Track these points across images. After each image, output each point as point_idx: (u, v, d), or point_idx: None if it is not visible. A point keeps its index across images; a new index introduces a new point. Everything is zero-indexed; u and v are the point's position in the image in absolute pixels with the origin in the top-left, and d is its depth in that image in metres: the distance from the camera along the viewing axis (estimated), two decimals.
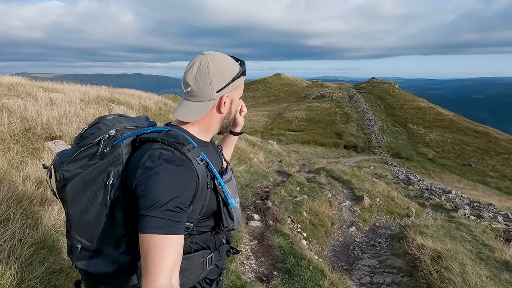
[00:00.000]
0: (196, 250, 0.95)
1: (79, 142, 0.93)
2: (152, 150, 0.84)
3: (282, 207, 4.95)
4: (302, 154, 20.12)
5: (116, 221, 0.87)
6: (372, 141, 28.35)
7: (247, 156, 8.02)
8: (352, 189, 7.28)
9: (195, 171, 0.85)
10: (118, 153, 0.87)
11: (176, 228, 0.78)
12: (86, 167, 0.89)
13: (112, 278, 0.90)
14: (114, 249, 0.88)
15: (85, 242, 0.89)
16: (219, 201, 0.93)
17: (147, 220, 0.76)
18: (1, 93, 4.90)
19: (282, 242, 3.44)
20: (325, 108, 38.95)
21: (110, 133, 0.90)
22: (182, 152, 0.85)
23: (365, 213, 6.02)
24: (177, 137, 0.88)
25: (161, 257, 0.75)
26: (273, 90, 58.85)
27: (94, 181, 0.87)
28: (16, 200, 2.42)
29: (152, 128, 0.93)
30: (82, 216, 0.89)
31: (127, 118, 1.02)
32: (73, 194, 0.90)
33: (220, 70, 0.92)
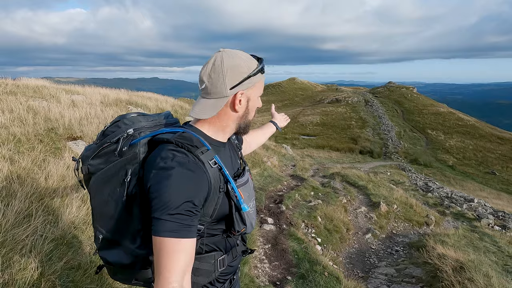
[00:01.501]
0: (207, 252, 0.96)
1: (102, 139, 0.97)
2: (166, 152, 0.85)
3: (296, 211, 4.89)
4: (316, 159, 19.89)
5: (132, 216, 0.90)
6: (388, 147, 27.68)
7: (261, 160, 8.00)
8: (368, 195, 7.10)
9: (207, 174, 0.85)
10: (135, 152, 0.90)
11: (188, 232, 0.79)
12: (107, 164, 0.93)
13: (128, 269, 0.95)
14: (130, 242, 0.92)
15: (106, 233, 0.95)
16: (231, 205, 0.92)
17: (159, 224, 0.78)
18: (28, 95, 5.12)
19: (296, 247, 3.39)
20: (340, 113, 38.45)
21: (129, 132, 0.93)
22: (195, 155, 0.85)
23: (381, 220, 5.85)
24: (191, 139, 0.88)
25: (173, 260, 0.76)
26: (287, 94, 58.76)
27: (113, 177, 0.91)
28: (38, 197, 2.51)
29: (168, 129, 0.94)
30: (103, 209, 0.94)
31: (147, 116, 1.03)
32: (96, 188, 0.95)
33: (234, 66, 0.89)
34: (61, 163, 3.20)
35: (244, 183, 0.99)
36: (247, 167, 1.08)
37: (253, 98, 0.96)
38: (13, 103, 4.37)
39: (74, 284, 1.91)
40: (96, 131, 4.43)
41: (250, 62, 0.93)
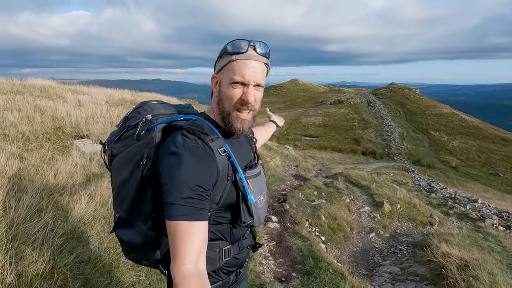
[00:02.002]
0: (212, 239, 0.96)
1: (124, 123, 1.02)
2: (178, 138, 0.88)
3: (299, 210, 4.91)
4: (319, 160, 19.88)
5: (146, 198, 0.93)
6: (391, 148, 27.61)
7: (264, 160, 8.02)
8: (371, 195, 7.10)
9: (216, 161, 0.87)
10: (151, 137, 0.94)
11: (200, 215, 0.81)
12: (126, 147, 0.98)
13: (139, 248, 0.98)
14: (143, 223, 0.95)
15: (122, 212, 1.00)
16: (238, 195, 0.93)
17: (172, 208, 0.80)
18: (34, 94, 5.19)
19: (300, 244, 3.41)
20: (342, 114, 38.41)
21: (147, 117, 0.97)
22: (205, 142, 0.88)
23: (385, 219, 5.86)
24: (202, 126, 0.91)
25: (188, 242, 0.78)
26: (289, 96, 58.79)
27: (132, 160, 0.95)
28: (48, 193, 2.55)
29: (183, 116, 0.98)
30: (121, 189, 0.99)
31: (166, 104, 1.07)
32: (116, 169, 1.00)
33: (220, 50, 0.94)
34: (69, 161, 3.25)
35: (255, 175, 0.99)
36: (260, 161, 1.08)
37: (223, 83, 0.92)
38: (20, 102, 4.43)
39: (84, 277, 1.95)
40: (102, 129, 4.48)
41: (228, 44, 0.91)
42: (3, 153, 2.90)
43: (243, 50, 0.88)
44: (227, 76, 0.90)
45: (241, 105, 0.91)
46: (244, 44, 0.88)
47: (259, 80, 0.91)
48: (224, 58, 0.89)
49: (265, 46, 0.93)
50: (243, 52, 0.88)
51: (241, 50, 0.88)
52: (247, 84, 0.89)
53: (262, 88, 0.94)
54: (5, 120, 3.65)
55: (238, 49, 0.88)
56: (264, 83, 0.95)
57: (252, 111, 0.95)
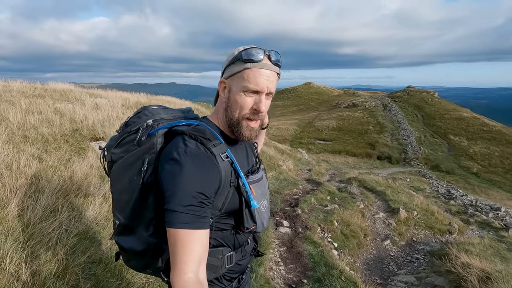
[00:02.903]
0: (215, 246, 0.95)
1: (124, 129, 1.02)
2: (179, 144, 0.86)
3: (311, 215, 4.83)
4: (332, 164, 19.60)
5: (147, 204, 0.91)
6: (408, 152, 26.87)
7: (277, 163, 7.98)
8: (387, 200, 6.91)
9: (218, 167, 0.86)
10: (152, 142, 0.92)
11: (201, 223, 0.80)
12: (127, 152, 0.96)
13: (140, 256, 0.97)
14: (144, 230, 0.94)
15: (122, 219, 0.98)
16: (241, 201, 0.92)
17: (173, 215, 0.79)
18: (55, 98, 5.38)
19: (312, 250, 3.34)
20: (357, 117, 37.79)
21: (148, 122, 0.97)
22: (207, 147, 0.86)
23: (401, 226, 5.67)
24: (204, 131, 0.89)
25: (188, 251, 0.77)
26: (303, 99, 58.47)
27: (132, 166, 0.94)
28: (64, 193, 2.62)
29: (185, 121, 0.97)
30: (121, 195, 0.97)
31: (167, 109, 1.06)
32: (116, 175, 0.99)
33: (229, 54, 0.92)
34: (85, 162, 3.33)
35: (257, 180, 0.98)
36: (262, 166, 1.08)
37: (234, 90, 0.89)
38: (41, 105, 4.61)
39: (95, 277, 1.98)
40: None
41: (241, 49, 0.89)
42: (23, 154, 3.00)
43: (259, 59, 0.86)
44: (239, 83, 0.88)
45: (252, 114, 0.90)
46: (260, 53, 0.86)
47: (272, 89, 0.90)
48: (238, 65, 0.87)
49: (278, 55, 0.92)
50: (259, 61, 0.86)
51: (257, 58, 0.86)
52: (260, 93, 0.88)
53: (271, 96, 0.93)
54: (26, 123, 3.79)
55: (254, 57, 0.86)
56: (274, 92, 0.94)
57: (261, 120, 0.94)
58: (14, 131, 3.54)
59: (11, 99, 4.53)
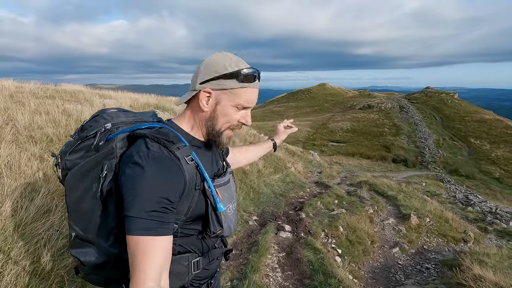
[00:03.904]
0: (180, 253, 0.92)
1: (79, 133, 0.95)
2: (142, 147, 0.83)
3: (316, 219, 4.70)
4: (345, 167, 19.21)
5: (107, 213, 0.87)
6: (425, 156, 26.00)
7: (284, 165, 7.87)
8: (398, 206, 6.65)
9: (182, 170, 0.83)
10: (112, 147, 0.88)
11: (164, 229, 0.77)
12: (83, 158, 0.91)
13: (100, 269, 0.91)
14: (104, 240, 0.89)
15: (79, 231, 0.91)
16: (207, 204, 0.90)
17: (133, 222, 0.75)
18: (65, 98, 5.52)
19: (312, 257, 3.22)
20: (372, 119, 36.97)
21: (106, 126, 0.92)
22: (170, 151, 0.83)
23: (411, 233, 5.43)
24: (167, 134, 0.87)
25: (149, 259, 0.74)
26: (317, 100, 57.89)
27: (89, 173, 0.89)
28: (60, 194, 2.64)
29: (147, 124, 0.93)
30: (77, 205, 0.91)
31: (127, 112, 1.02)
32: (71, 183, 0.92)
33: (212, 63, 0.89)
34: None
35: (224, 184, 0.96)
36: (229, 169, 1.06)
37: (224, 104, 0.90)
38: (50, 106, 4.72)
39: (83, 281, 1.96)
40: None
41: (232, 65, 0.88)
42: (25, 154, 3.06)
43: (255, 80, 0.90)
44: (232, 99, 0.89)
45: (237, 126, 0.94)
46: (256, 75, 0.90)
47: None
48: (233, 82, 0.88)
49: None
50: (254, 81, 0.90)
51: (253, 80, 0.90)
52: (249, 108, 0.94)
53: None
54: (33, 123, 3.88)
55: (251, 80, 0.89)
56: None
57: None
58: (20, 131, 3.62)
59: (22, 100, 4.67)
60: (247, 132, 8.71)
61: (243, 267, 2.75)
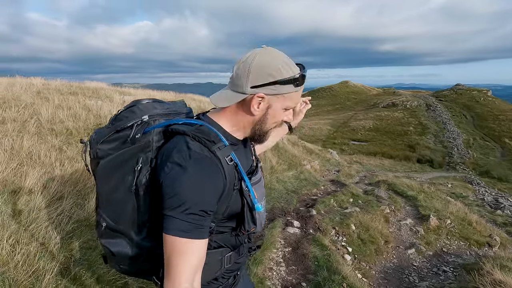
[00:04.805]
0: (215, 248, 0.94)
1: (114, 123, 0.93)
2: (182, 146, 0.81)
3: (327, 216, 4.62)
4: (366, 166, 18.66)
5: (140, 206, 0.87)
6: (453, 156, 24.69)
7: (299, 162, 7.80)
8: (417, 206, 6.38)
9: (223, 172, 0.82)
10: (148, 140, 0.87)
11: (200, 232, 0.78)
12: (117, 150, 0.89)
13: (131, 260, 0.92)
14: (136, 233, 0.89)
15: (110, 221, 0.91)
16: (243, 204, 0.89)
17: (172, 222, 0.76)
18: (87, 95, 5.81)
19: (318, 253, 3.18)
20: (396, 118, 35.62)
21: (143, 118, 0.89)
22: (212, 151, 0.82)
23: (430, 235, 5.19)
24: (208, 133, 0.84)
25: (185, 261, 0.75)
26: (339, 98, 56.67)
27: (123, 165, 0.88)
28: (74, 182, 2.79)
29: (185, 120, 0.91)
30: (110, 196, 0.91)
31: (162, 103, 0.99)
32: (104, 174, 0.91)
33: (264, 66, 0.82)
34: None
35: (257, 181, 0.96)
36: (260, 164, 1.04)
37: (276, 107, 0.87)
38: (72, 102, 4.98)
39: (88, 262, 2.06)
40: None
41: (286, 68, 0.84)
42: (45, 145, 3.26)
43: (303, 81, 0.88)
44: (284, 102, 0.87)
45: (280, 124, 0.94)
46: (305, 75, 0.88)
47: None
48: (289, 87, 0.84)
49: None
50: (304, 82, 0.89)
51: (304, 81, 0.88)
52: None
53: None
54: (55, 117, 4.12)
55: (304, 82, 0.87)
56: None
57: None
58: (43, 124, 3.86)
59: (47, 96, 4.96)
60: None
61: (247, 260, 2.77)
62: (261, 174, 1.00)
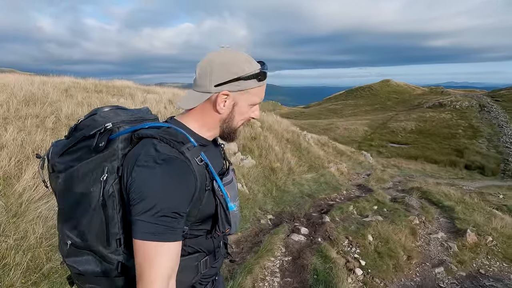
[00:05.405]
0: (190, 253, 0.91)
1: (74, 134, 0.89)
2: (150, 148, 0.79)
3: (341, 224, 4.26)
4: (404, 171, 17.35)
5: (108, 218, 0.83)
6: (510, 163, 21.97)
7: (322, 164, 7.40)
8: (453, 218, 5.67)
9: (194, 172, 0.80)
10: (113, 148, 0.83)
11: (173, 235, 0.75)
12: (80, 161, 0.85)
13: (102, 277, 0.87)
14: (104, 247, 0.84)
15: (75, 238, 0.86)
16: (217, 204, 0.88)
17: (143, 226, 0.73)
18: (111, 93, 6.08)
19: (319, 265, 2.90)
20: (443, 119, 32.75)
21: (107, 126, 0.85)
22: (181, 152, 0.80)
23: (465, 252, 4.55)
24: (176, 134, 0.83)
25: (158, 265, 0.72)
26: (378, 98, 53.79)
27: (88, 176, 0.83)
28: None
29: (151, 124, 0.88)
30: (73, 211, 0.85)
31: (126, 110, 0.97)
32: (66, 188, 0.86)
33: (225, 64, 0.84)
34: None
35: (229, 182, 0.95)
36: (231, 166, 1.04)
37: (242, 104, 0.88)
38: (94, 99, 5.23)
39: None
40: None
41: (247, 64, 0.85)
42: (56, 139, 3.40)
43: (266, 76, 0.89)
44: (249, 98, 0.88)
45: (248, 121, 0.95)
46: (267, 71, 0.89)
47: None
48: (253, 82, 0.86)
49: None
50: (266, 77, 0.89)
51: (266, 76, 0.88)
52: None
53: None
54: (74, 113, 4.33)
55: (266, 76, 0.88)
56: None
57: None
58: (62, 120, 4.07)
59: (73, 94, 5.27)
60: (286, 129, 8.46)
61: (237, 266, 2.60)
62: (232, 176, 0.99)
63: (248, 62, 0.85)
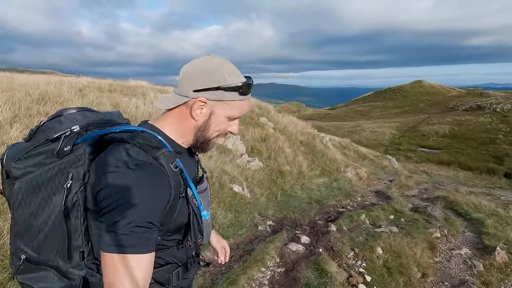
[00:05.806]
0: (161, 265, 0.86)
1: (36, 136, 0.82)
2: (121, 153, 0.74)
3: (348, 234, 3.95)
4: (433, 177, 16.22)
5: (70, 229, 0.76)
6: None
7: (337, 168, 7.04)
8: (481, 233, 5.09)
9: (168, 179, 0.76)
10: (79, 153, 0.77)
11: (147, 246, 0.70)
12: (40, 166, 0.77)
13: None
14: (65, 261, 0.78)
15: (31, 252, 0.79)
16: (189, 212, 0.84)
17: (113, 237, 0.68)
18: (124, 93, 6.20)
19: (312, 279, 2.65)
20: (481, 123, 30.41)
21: (73, 129, 0.79)
22: (155, 157, 0.75)
23: (492, 272, 4.04)
24: (150, 139, 0.78)
25: (130, 280, 0.67)
26: (409, 100, 51.24)
27: (49, 183, 0.76)
28: None
29: (122, 127, 0.81)
30: (30, 222, 0.77)
31: (95, 112, 0.91)
32: (22, 196, 0.78)
33: (209, 71, 0.80)
34: None
35: (203, 190, 0.92)
36: (205, 175, 1.00)
37: (218, 114, 0.84)
38: (106, 98, 5.34)
39: None
40: None
41: (232, 76, 0.82)
42: None
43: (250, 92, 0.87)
44: (227, 110, 0.84)
45: (224, 134, 0.91)
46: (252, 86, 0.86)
47: None
48: (234, 94, 0.82)
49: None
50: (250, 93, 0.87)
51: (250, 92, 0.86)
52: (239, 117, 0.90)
53: None
54: None
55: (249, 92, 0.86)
56: None
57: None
58: None
59: (87, 93, 5.42)
60: (301, 131, 8.17)
61: (220, 276, 2.44)
62: (207, 184, 0.96)
63: (233, 74, 0.82)
